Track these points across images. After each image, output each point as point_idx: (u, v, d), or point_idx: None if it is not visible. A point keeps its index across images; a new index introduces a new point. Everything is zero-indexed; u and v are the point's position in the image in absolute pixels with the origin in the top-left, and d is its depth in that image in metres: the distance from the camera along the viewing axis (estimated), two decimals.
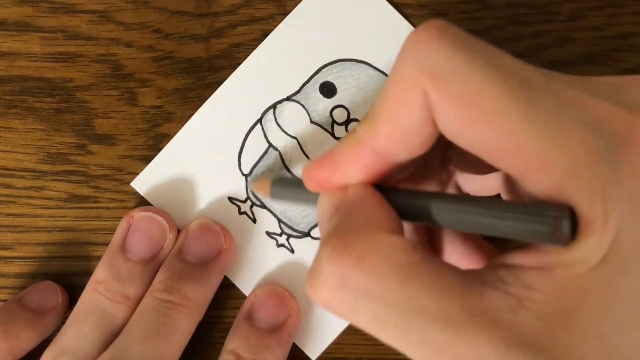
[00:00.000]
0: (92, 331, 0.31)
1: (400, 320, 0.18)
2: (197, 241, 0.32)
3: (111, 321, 0.31)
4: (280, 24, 0.33)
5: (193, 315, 0.31)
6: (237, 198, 0.34)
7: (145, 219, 0.32)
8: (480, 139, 0.19)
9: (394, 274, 0.19)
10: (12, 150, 0.34)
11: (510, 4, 0.33)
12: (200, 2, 0.34)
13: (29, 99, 0.34)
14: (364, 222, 0.20)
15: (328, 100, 0.33)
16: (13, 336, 0.31)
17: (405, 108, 0.20)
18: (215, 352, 0.33)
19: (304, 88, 0.33)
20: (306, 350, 0.33)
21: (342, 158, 0.22)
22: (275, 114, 0.33)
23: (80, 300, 0.32)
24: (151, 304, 0.31)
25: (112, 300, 0.31)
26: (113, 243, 0.32)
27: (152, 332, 0.30)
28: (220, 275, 0.33)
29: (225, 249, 0.32)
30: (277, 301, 0.33)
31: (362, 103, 0.33)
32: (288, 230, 0.34)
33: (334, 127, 0.33)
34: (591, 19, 0.33)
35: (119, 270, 0.31)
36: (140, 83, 0.34)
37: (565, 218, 0.18)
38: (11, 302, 0.32)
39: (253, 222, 0.34)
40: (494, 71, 0.19)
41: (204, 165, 0.34)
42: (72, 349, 0.30)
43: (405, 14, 0.33)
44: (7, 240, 0.34)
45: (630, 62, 0.33)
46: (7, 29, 0.34)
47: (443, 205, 0.20)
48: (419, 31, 0.20)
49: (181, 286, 0.31)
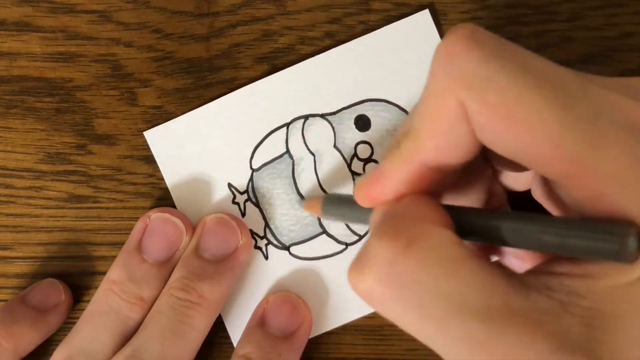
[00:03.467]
0: (106, 332, 0.31)
1: (444, 313, 0.18)
2: (213, 237, 0.32)
3: (125, 322, 0.31)
4: (346, 45, 0.33)
5: (210, 315, 0.31)
6: (236, 187, 0.34)
7: (163, 221, 0.32)
8: (518, 148, 0.19)
9: (443, 265, 0.19)
10: (12, 150, 0.34)
11: (510, 4, 0.33)
12: (200, 2, 0.34)
13: (29, 99, 0.34)
14: (415, 214, 0.20)
15: (358, 133, 0.33)
16: (16, 335, 0.31)
17: (445, 120, 0.20)
18: (215, 351, 0.33)
19: (340, 112, 0.33)
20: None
21: (392, 175, 0.22)
22: (304, 125, 0.33)
23: (94, 300, 0.32)
24: (168, 302, 0.31)
25: (126, 301, 0.31)
26: (129, 243, 0.32)
27: (169, 331, 0.30)
28: (237, 272, 0.32)
29: (242, 245, 0.32)
30: (290, 308, 0.32)
31: (386, 142, 0.33)
32: (270, 237, 0.34)
33: (353, 159, 0.33)
34: (591, 19, 0.33)
35: (134, 271, 0.31)
36: (140, 83, 0.34)
37: (631, 236, 0.17)
38: (14, 301, 0.32)
39: (242, 215, 0.34)
40: (528, 78, 0.18)
41: (217, 145, 0.34)
42: (85, 349, 0.30)
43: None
44: (7, 240, 0.34)
45: (631, 62, 0.33)
46: (7, 29, 0.34)
47: (507, 225, 0.20)
48: (449, 40, 0.19)
49: (198, 285, 0.31)
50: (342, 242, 0.33)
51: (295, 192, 0.33)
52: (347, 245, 0.33)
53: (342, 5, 0.34)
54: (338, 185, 0.33)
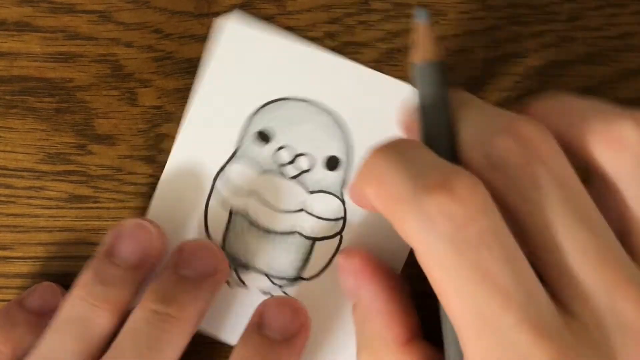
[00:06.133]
0: (72, 340, 0.30)
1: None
2: (193, 257, 0.32)
3: (92, 328, 0.30)
4: (198, 92, 0.33)
5: (188, 331, 0.30)
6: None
7: (134, 225, 0.32)
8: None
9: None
10: (12, 150, 0.34)
11: (510, 4, 0.33)
12: (201, 2, 0.34)
13: (29, 99, 0.34)
14: (379, 333, 0.25)
15: (267, 146, 0.33)
16: (15, 339, 0.31)
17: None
18: (210, 352, 0.33)
19: (241, 145, 0.33)
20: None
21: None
22: (223, 182, 0.33)
23: (61, 306, 0.31)
24: (144, 316, 0.30)
25: (92, 304, 0.30)
26: (99, 249, 0.32)
27: (146, 347, 0.29)
28: (214, 294, 0.32)
29: (220, 270, 0.32)
30: (289, 312, 0.32)
31: (300, 134, 0.33)
32: (278, 281, 0.33)
33: (283, 169, 0.33)
34: (591, 19, 0.33)
35: (104, 275, 0.31)
36: (140, 83, 0.34)
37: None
38: (12, 305, 0.32)
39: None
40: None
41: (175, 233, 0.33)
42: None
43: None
44: (7, 240, 0.34)
45: (631, 62, 0.33)
46: (7, 29, 0.34)
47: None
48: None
49: (177, 298, 0.30)
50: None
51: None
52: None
53: (342, 5, 0.34)
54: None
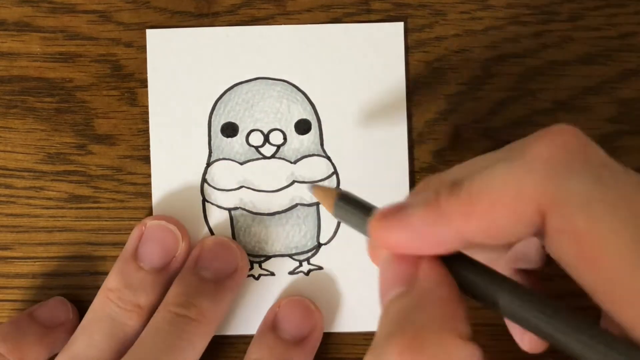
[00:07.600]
0: (103, 339, 0.30)
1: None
2: (213, 257, 0.32)
3: (122, 329, 0.31)
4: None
5: (208, 333, 0.31)
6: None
7: (158, 228, 0.32)
8: (590, 280, 0.18)
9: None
10: (12, 150, 0.34)
11: (510, 4, 0.33)
12: (200, 2, 0.34)
13: (29, 99, 0.34)
14: (436, 321, 0.19)
15: (237, 137, 0.33)
16: (23, 350, 0.31)
17: (513, 218, 0.19)
18: (218, 352, 0.33)
19: (211, 146, 0.33)
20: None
21: (420, 229, 0.20)
22: (210, 187, 0.33)
23: (92, 308, 0.31)
24: (166, 317, 0.30)
25: (123, 309, 0.31)
26: (125, 251, 0.32)
27: (167, 346, 0.30)
28: (234, 293, 0.32)
29: (240, 268, 0.32)
30: (302, 312, 0.32)
31: (262, 112, 0.33)
32: (301, 256, 0.33)
33: (261, 150, 0.33)
34: (591, 19, 0.33)
35: (131, 279, 0.31)
36: (140, 83, 0.34)
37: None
38: (22, 317, 0.32)
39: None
40: (625, 217, 0.17)
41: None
42: (82, 357, 0.30)
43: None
44: (7, 240, 0.34)
45: (631, 62, 0.33)
46: (7, 29, 0.34)
47: (520, 303, 0.19)
48: (551, 143, 0.18)
49: (197, 302, 0.31)
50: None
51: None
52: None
53: (342, 5, 0.34)
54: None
